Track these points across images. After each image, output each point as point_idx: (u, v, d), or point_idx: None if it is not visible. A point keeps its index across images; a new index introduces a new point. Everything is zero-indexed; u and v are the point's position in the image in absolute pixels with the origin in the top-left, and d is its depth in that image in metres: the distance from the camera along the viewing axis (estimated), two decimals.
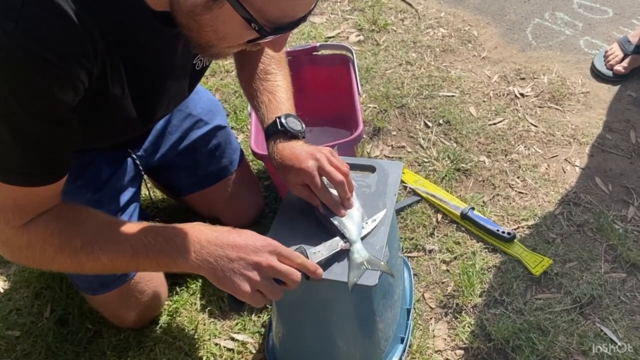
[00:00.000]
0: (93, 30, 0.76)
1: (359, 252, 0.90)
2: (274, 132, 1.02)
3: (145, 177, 1.30)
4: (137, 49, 0.87)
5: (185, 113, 1.33)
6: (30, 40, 0.70)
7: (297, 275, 0.85)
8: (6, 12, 0.69)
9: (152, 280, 1.24)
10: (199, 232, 0.86)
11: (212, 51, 0.81)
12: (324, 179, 0.97)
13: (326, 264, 0.90)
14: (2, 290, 1.39)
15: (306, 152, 0.98)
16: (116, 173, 1.21)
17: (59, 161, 0.84)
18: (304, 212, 1.01)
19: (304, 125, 1.05)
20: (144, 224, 0.89)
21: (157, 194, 1.57)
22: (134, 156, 1.24)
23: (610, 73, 1.84)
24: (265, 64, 1.14)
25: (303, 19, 0.77)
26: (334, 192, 0.97)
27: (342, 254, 0.91)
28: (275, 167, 1.02)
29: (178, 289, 1.34)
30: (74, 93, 0.79)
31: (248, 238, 0.85)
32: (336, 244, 0.91)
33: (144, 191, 1.39)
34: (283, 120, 1.02)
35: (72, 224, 0.86)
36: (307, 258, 0.87)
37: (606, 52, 1.89)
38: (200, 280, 1.37)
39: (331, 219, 0.95)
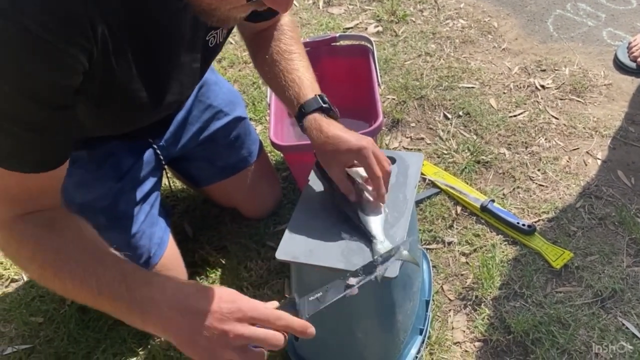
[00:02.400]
0: (93, 10, 0.74)
1: (382, 243, 0.90)
2: (317, 108, 1.00)
3: (165, 167, 1.31)
4: (143, 26, 0.84)
5: (206, 104, 1.33)
6: (26, 19, 0.68)
7: (279, 339, 0.73)
8: None
9: (174, 270, 1.25)
10: (163, 291, 0.75)
11: (217, 15, 0.78)
12: (354, 171, 0.96)
13: (347, 256, 0.90)
14: (25, 278, 1.41)
15: (356, 134, 0.96)
16: (137, 163, 1.21)
17: (54, 148, 0.80)
18: (324, 206, 1.00)
19: None
20: (128, 263, 0.80)
21: (177, 184, 1.58)
22: (155, 146, 1.25)
23: (633, 65, 1.81)
24: (287, 44, 1.12)
25: None
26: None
27: (364, 247, 0.91)
28: (317, 144, 0.99)
29: (198, 279, 1.35)
30: (72, 75, 0.76)
31: (215, 303, 0.74)
32: (340, 288, 0.79)
33: (164, 181, 1.39)
34: (325, 98, 1.00)
35: (54, 235, 0.80)
36: (299, 309, 0.76)
37: (629, 43, 1.86)
38: (219, 270, 1.38)
39: (358, 212, 0.95)
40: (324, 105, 1.00)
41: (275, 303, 0.77)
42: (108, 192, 1.14)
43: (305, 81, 1.06)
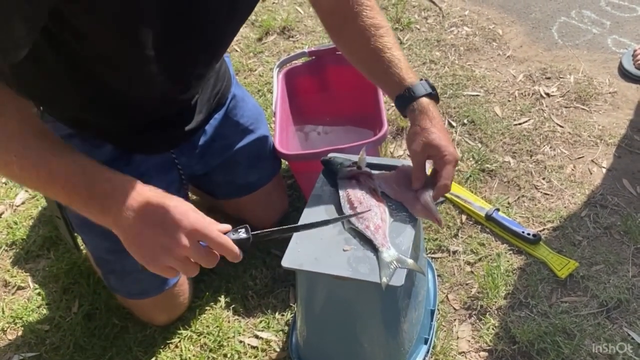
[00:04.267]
0: None
1: (388, 251, 0.90)
2: (428, 94, 1.00)
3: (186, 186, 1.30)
4: None
5: (234, 121, 1.31)
6: None
7: (212, 262, 0.82)
8: None
9: (185, 284, 1.26)
10: (123, 190, 0.79)
11: None
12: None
13: (353, 264, 0.91)
14: (31, 285, 1.42)
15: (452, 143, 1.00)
16: (164, 185, 1.19)
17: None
18: (330, 214, 1.01)
19: None
20: (81, 154, 0.80)
21: None
22: (176, 161, 1.23)
23: (639, 72, 1.81)
24: (371, 17, 1.06)
25: None
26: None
27: (370, 255, 0.91)
28: (422, 127, 0.98)
29: (203, 287, 1.35)
30: None
31: (170, 211, 0.78)
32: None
33: None
34: (430, 82, 1.01)
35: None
36: (248, 236, 0.84)
37: (635, 51, 1.86)
38: (224, 278, 1.38)
39: (361, 228, 0.95)
40: (432, 92, 1.00)
41: (228, 226, 0.84)
42: None
43: (404, 61, 1.03)
